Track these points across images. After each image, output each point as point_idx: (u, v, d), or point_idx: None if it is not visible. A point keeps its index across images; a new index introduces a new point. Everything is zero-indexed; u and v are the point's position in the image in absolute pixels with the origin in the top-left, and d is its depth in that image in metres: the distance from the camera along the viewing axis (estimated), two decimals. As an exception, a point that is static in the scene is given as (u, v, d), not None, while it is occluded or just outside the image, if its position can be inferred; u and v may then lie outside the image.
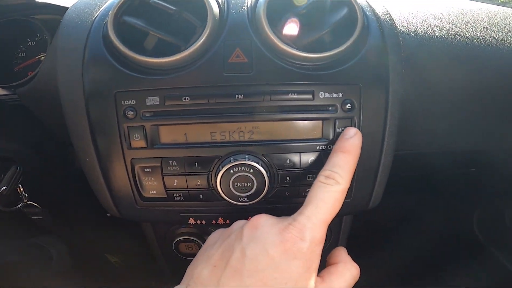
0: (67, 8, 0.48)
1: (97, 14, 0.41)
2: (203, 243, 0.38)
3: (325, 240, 0.52)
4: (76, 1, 0.48)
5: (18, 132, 0.52)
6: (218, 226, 0.42)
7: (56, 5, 0.49)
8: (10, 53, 0.56)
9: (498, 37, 0.51)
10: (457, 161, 0.69)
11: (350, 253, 0.60)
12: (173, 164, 0.38)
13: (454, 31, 0.49)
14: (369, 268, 0.92)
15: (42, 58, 0.55)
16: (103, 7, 0.42)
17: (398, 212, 0.92)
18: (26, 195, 0.50)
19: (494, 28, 0.52)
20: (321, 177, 0.33)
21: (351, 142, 0.35)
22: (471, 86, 0.50)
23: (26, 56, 0.56)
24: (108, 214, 0.43)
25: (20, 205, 0.50)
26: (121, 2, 0.37)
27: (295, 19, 0.38)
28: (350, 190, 0.42)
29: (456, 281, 0.90)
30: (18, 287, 0.70)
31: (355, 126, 0.39)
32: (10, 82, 0.52)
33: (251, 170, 0.37)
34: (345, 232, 0.56)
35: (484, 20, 0.53)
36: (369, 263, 0.93)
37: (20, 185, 0.49)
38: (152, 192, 0.40)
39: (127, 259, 0.78)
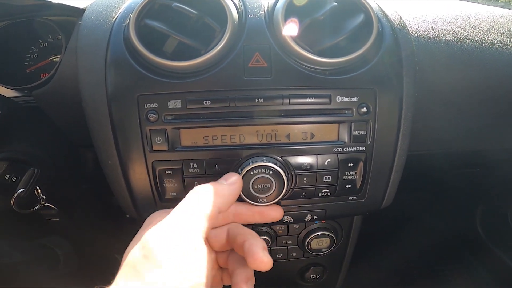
0: (81, 9, 0.48)
1: (116, 16, 0.41)
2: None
3: (336, 239, 0.54)
4: (89, 2, 0.48)
5: (33, 134, 0.52)
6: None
7: (70, 6, 0.49)
8: (22, 54, 0.56)
9: (505, 40, 0.52)
10: (461, 162, 0.70)
11: (354, 252, 0.62)
12: (194, 166, 0.39)
13: (463, 35, 0.51)
14: (372, 268, 0.94)
15: (55, 59, 0.55)
16: (121, 9, 0.42)
17: (401, 211, 0.93)
18: (43, 197, 0.50)
19: (501, 32, 0.53)
20: None
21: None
22: (478, 88, 0.52)
23: (38, 57, 0.56)
24: (127, 216, 0.43)
25: (37, 207, 0.51)
26: (142, 5, 0.37)
27: (294, 19, 0.39)
28: (364, 191, 0.43)
29: (459, 280, 0.92)
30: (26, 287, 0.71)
31: (370, 129, 0.41)
32: (23, 83, 0.52)
33: (270, 172, 0.38)
34: (355, 232, 0.57)
35: (491, 23, 0.54)
36: (372, 262, 0.95)
37: (37, 187, 0.49)
38: (172, 193, 0.40)
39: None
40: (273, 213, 0.40)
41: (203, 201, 0.32)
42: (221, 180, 0.36)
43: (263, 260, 0.32)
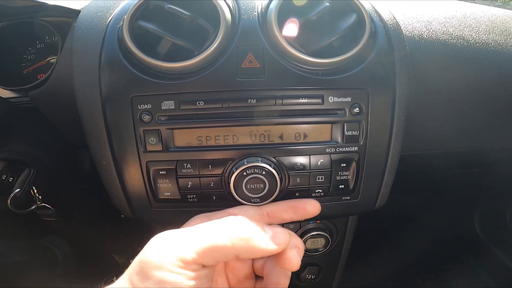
0: (78, 10, 0.48)
1: (110, 17, 0.42)
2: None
3: (331, 239, 0.54)
4: (86, 3, 0.48)
5: (30, 135, 0.53)
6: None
7: (67, 7, 0.49)
8: (19, 55, 0.56)
9: (500, 40, 0.52)
10: (459, 162, 0.70)
11: (351, 253, 0.62)
12: (187, 166, 0.39)
13: (457, 35, 0.51)
14: (368, 268, 0.94)
15: (51, 60, 0.56)
16: (116, 11, 0.42)
17: (399, 212, 0.93)
18: (40, 197, 0.51)
19: (496, 31, 0.53)
20: None
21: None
22: (474, 88, 0.52)
23: (35, 58, 0.57)
24: (122, 216, 0.44)
25: (33, 207, 0.51)
26: (136, 7, 0.37)
27: (294, 19, 0.39)
28: (357, 191, 0.43)
29: (458, 280, 0.92)
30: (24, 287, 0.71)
31: (363, 129, 0.41)
32: (20, 84, 0.52)
33: (263, 172, 0.38)
34: (351, 232, 0.57)
35: (486, 23, 0.54)
36: (370, 263, 0.95)
37: (33, 188, 0.49)
38: (166, 194, 0.41)
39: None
40: (309, 208, 0.37)
41: (224, 238, 0.28)
42: (269, 229, 0.32)
43: (288, 257, 0.30)
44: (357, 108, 0.40)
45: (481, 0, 0.84)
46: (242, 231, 0.30)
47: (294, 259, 0.31)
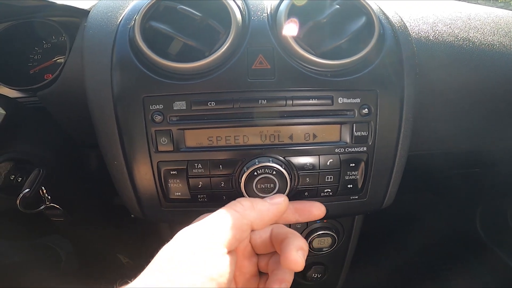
0: (86, 10, 0.48)
1: (121, 17, 0.42)
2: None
3: (337, 238, 0.54)
4: (92, 3, 0.48)
5: (38, 135, 0.53)
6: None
7: (74, 7, 0.49)
8: (25, 55, 0.56)
9: (504, 42, 0.53)
10: (462, 162, 0.71)
11: (356, 252, 0.62)
12: (198, 166, 0.40)
13: (463, 36, 0.51)
14: (373, 267, 0.94)
15: (58, 60, 0.56)
16: (126, 11, 0.43)
17: (402, 211, 0.94)
18: (49, 197, 0.51)
19: (501, 33, 0.54)
20: None
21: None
22: (479, 89, 0.52)
23: (42, 58, 0.57)
24: (132, 215, 0.44)
25: (42, 207, 0.51)
26: (147, 7, 0.38)
27: (294, 19, 0.39)
28: (365, 190, 0.44)
29: (458, 280, 0.92)
30: (27, 287, 0.71)
31: (371, 130, 0.41)
32: (27, 84, 0.52)
33: (274, 172, 0.39)
34: (357, 231, 0.58)
35: (491, 25, 0.55)
36: (373, 262, 0.95)
37: (42, 188, 0.49)
38: (177, 193, 0.41)
39: (139, 259, 0.80)
40: (315, 211, 0.38)
41: (234, 214, 0.31)
42: (267, 198, 0.35)
43: (293, 259, 0.32)
44: (366, 109, 0.40)
45: (483, 0, 0.85)
46: (245, 202, 0.33)
47: (299, 260, 0.32)
